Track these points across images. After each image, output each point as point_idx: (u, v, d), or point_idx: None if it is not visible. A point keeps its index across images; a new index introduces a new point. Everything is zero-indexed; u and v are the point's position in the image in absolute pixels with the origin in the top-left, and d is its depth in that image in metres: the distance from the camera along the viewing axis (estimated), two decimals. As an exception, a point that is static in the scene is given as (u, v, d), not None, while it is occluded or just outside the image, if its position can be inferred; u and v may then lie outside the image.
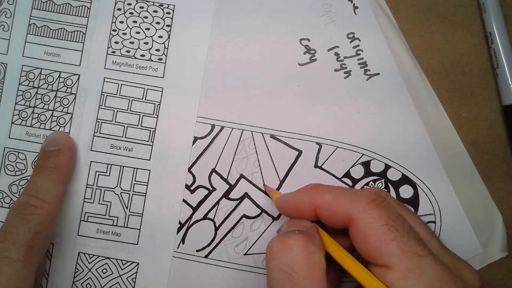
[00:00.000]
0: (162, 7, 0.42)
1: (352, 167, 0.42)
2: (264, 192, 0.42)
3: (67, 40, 0.42)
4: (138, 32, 0.42)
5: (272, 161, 0.42)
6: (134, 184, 0.42)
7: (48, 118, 0.42)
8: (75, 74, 0.42)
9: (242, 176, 0.42)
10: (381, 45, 0.42)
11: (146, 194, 0.42)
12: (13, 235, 0.34)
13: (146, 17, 0.42)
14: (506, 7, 0.43)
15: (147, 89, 0.42)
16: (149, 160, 0.42)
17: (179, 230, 0.41)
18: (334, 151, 0.42)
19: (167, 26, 0.42)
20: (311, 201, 0.34)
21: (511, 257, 0.42)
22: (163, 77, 0.42)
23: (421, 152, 0.42)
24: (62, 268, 0.41)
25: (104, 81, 0.42)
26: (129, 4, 0.42)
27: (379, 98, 0.42)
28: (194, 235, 0.42)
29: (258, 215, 0.42)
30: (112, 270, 0.41)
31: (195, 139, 0.42)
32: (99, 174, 0.42)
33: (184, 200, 0.42)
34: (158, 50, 0.42)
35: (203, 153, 0.42)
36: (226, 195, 0.42)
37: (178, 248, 0.41)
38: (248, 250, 0.42)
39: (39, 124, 0.42)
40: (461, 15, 0.44)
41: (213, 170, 0.42)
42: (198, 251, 0.41)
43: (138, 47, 0.42)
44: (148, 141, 0.42)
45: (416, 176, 0.42)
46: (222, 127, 0.42)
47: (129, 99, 0.42)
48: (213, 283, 0.41)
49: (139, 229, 0.41)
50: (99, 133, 0.42)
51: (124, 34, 0.42)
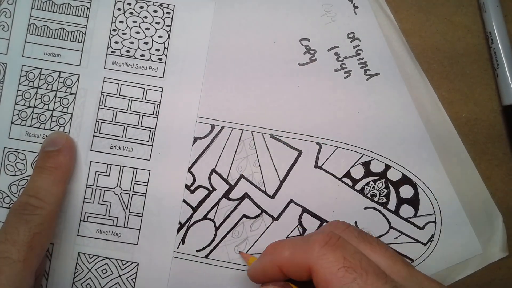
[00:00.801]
0: (162, 7, 0.42)
1: (352, 167, 0.42)
2: (264, 193, 0.42)
3: (67, 40, 0.42)
4: (138, 32, 0.42)
5: (272, 161, 0.42)
6: (134, 184, 0.42)
7: (48, 118, 0.42)
8: (75, 74, 0.42)
9: (242, 176, 0.42)
10: (381, 45, 0.42)
11: (146, 194, 0.42)
12: (13, 236, 0.34)
13: (146, 17, 0.42)
14: (506, 7, 0.43)
15: (147, 89, 0.42)
16: (149, 160, 0.42)
17: (179, 230, 0.41)
18: (334, 151, 0.42)
19: (167, 26, 0.42)
20: (273, 262, 0.34)
21: (511, 257, 0.42)
22: (163, 77, 0.42)
23: (421, 152, 0.42)
24: (62, 268, 0.41)
25: (104, 81, 0.42)
26: (129, 4, 0.42)
27: (379, 98, 0.42)
28: (194, 235, 0.41)
29: (258, 215, 0.42)
30: (112, 270, 0.41)
31: (195, 139, 0.42)
32: (99, 174, 0.42)
33: (184, 200, 0.42)
34: (158, 50, 0.42)
35: (203, 153, 0.42)
36: (226, 195, 0.42)
37: (178, 248, 0.41)
38: (248, 250, 0.42)
39: (39, 124, 0.42)
40: (461, 15, 0.44)
41: (213, 170, 0.42)
42: (198, 251, 0.41)
43: (138, 47, 0.42)
44: (148, 141, 0.42)
45: (416, 176, 0.42)
46: (222, 127, 0.42)
47: (129, 99, 0.42)
48: (213, 283, 0.41)
49: (139, 229, 0.41)
50: (99, 133, 0.42)
51: (124, 34, 0.42)
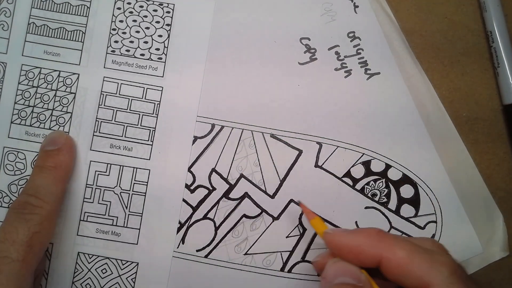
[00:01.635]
0: (162, 6, 0.42)
1: (352, 166, 0.42)
2: (264, 192, 0.42)
3: (66, 39, 0.42)
4: (137, 31, 0.42)
5: (272, 160, 0.42)
6: (134, 183, 0.41)
7: (48, 118, 0.41)
8: (74, 73, 0.42)
9: (242, 175, 0.42)
10: (381, 44, 0.42)
11: (146, 193, 0.41)
12: (12, 235, 0.34)
13: (145, 16, 0.42)
14: (506, 6, 0.43)
15: (146, 88, 0.42)
16: (148, 159, 0.42)
17: (179, 230, 0.41)
18: (335, 151, 0.42)
19: (167, 25, 0.42)
20: (377, 250, 0.32)
21: (512, 256, 0.42)
22: (163, 76, 0.42)
23: (422, 152, 0.42)
24: (61, 268, 0.41)
25: (103, 80, 0.42)
26: (128, 3, 0.42)
27: (379, 97, 0.42)
28: (194, 235, 0.41)
29: (258, 215, 0.42)
30: (111, 270, 0.41)
31: (195, 138, 0.42)
32: (98, 174, 0.41)
33: (184, 200, 0.41)
34: (158, 49, 0.42)
35: (203, 152, 0.42)
36: (226, 194, 0.42)
37: (178, 248, 0.41)
38: (249, 250, 0.41)
39: (38, 123, 0.41)
40: (461, 14, 0.44)
41: (213, 170, 0.42)
42: (198, 251, 0.41)
43: (138, 46, 0.42)
44: (148, 140, 0.42)
45: (416, 175, 0.42)
46: (222, 127, 0.42)
47: (128, 99, 0.42)
48: (213, 283, 0.41)
49: (139, 229, 0.41)
50: (99, 132, 0.42)
51: (123, 33, 0.42)
